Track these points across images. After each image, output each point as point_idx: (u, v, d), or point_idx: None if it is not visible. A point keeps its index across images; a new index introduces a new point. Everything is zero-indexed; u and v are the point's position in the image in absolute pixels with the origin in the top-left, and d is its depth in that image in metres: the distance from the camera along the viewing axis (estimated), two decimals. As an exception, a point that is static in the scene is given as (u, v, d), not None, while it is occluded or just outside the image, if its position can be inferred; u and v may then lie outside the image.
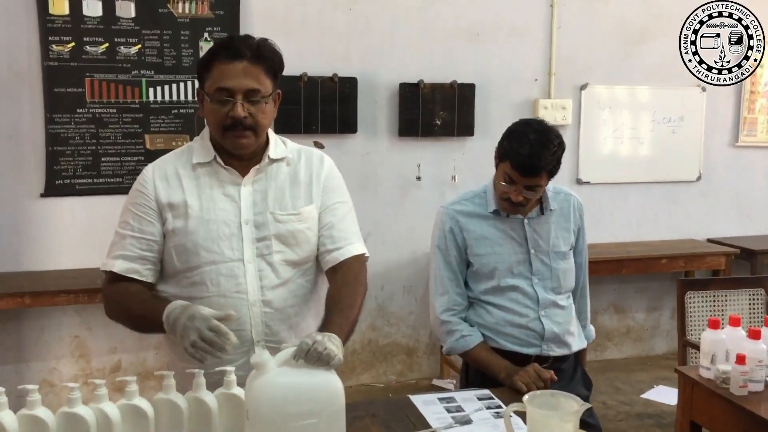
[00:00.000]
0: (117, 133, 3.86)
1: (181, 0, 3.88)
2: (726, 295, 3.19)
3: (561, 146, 2.28)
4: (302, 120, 4.05)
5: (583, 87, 4.61)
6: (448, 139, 4.38)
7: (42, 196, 3.79)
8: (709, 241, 4.90)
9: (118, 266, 1.82)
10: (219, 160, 1.86)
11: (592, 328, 2.60)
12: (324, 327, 1.70)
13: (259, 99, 1.79)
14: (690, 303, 3.16)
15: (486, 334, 2.39)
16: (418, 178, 4.37)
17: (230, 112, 1.76)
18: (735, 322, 2.36)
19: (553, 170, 2.28)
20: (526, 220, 2.40)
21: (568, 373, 2.44)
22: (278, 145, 1.93)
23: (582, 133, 4.64)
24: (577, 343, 2.46)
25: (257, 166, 1.87)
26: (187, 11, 3.89)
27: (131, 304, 1.80)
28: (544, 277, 2.39)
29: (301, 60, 4.02)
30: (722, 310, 3.17)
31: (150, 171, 1.88)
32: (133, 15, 3.81)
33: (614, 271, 4.51)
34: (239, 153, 1.84)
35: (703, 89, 4.78)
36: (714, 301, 3.18)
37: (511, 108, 4.45)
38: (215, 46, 1.83)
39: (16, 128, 3.74)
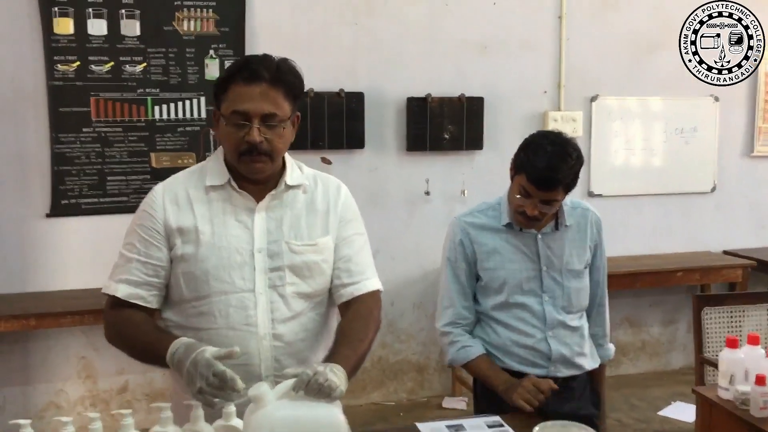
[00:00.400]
0: (123, 151, 3.83)
1: (186, 17, 3.85)
2: (744, 311, 3.11)
3: (579, 159, 2.21)
4: (309, 136, 4.01)
5: (593, 98, 4.55)
6: (457, 153, 4.33)
7: (47, 216, 3.76)
8: (725, 253, 4.81)
9: (122, 291, 1.75)
10: (233, 183, 1.78)
11: (611, 347, 2.52)
12: (329, 358, 1.64)
13: (276, 123, 1.71)
14: (707, 319, 3.08)
15: (492, 352, 2.33)
16: (427, 193, 4.31)
17: (246, 137, 1.69)
18: (754, 340, 2.29)
19: (570, 184, 2.21)
20: (539, 236, 2.33)
21: (578, 391, 2.37)
22: (295, 170, 1.85)
23: (593, 145, 4.57)
24: (590, 363, 2.39)
25: (273, 192, 1.79)
26: (192, 29, 3.87)
27: (135, 333, 1.73)
28: (554, 295, 2.32)
29: (307, 75, 3.84)
30: (740, 327, 3.08)
31: (160, 192, 1.80)
32: (138, 33, 3.79)
33: (628, 285, 4.43)
34: (254, 178, 1.77)
35: (716, 99, 4.71)
36: (731, 317, 3.10)
37: (521, 121, 4.39)
38: (233, 66, 1.76)
39: (21, 148, 3.71)
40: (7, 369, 3.81)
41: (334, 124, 4.07)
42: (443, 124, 4.24)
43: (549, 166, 2.14)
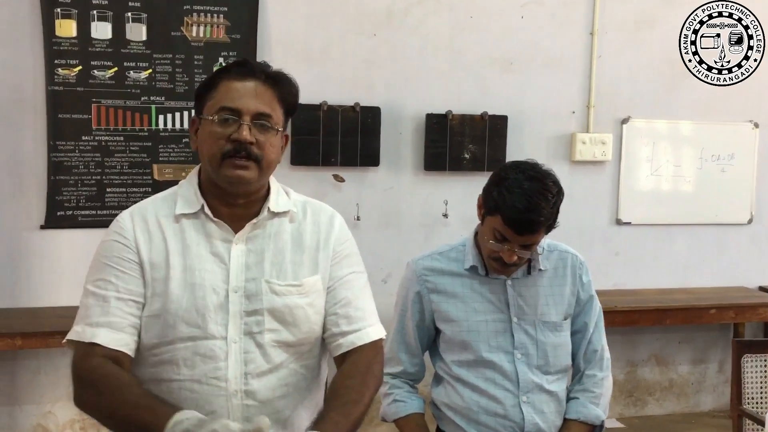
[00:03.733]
0: (123, 162, 3.63)
1: (196, 23, 3.66)
2: (789, 360, 2.82)
3: (560, 194, 1.93)
4: (321, 151, 3.79)
5: (624, 121, 4.28)
6: (478, 174, 4.06)
7: (42, 227, 3.56)
8: (761, 289, 4.51)
9: (104, 337, 1.46)
10: (207, 211, 1.54)
11: (600, 413, 2.09)
12: (318, 424, 1.40)
13: (269, 126, 1.49)
14: (747, 367, 2.80)
15: (456, 420, 2.03)
16: (445, 216, 4.07)
17: (234, 134, 1.46)
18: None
19: (552, 224, 1.93)
20: (509, 282, 2.03)
21: None
22: (281, 195, 1.61)
23: (623, 170, 4.30)
24: None
25: (254, 221, 1.55)
26: (201, 35, 3.67)
27: (120, 399, 1.40)
28: (528, 352, 2.02)
29: (320, 88, 3.77)
30: (785, 377, 2.80)
31: (128, 220, 1.55)
32: (144, 38, 3.59)
33: (657, 321, 4.14)
34: (235, 190, 1.51)
35: (756, 125, 4.43)
36: (775, 365, 2.82)
37: (546, 142, 4.15)
38: (224, 65, 1.57)
39: (17, 156, 3.53)
40: (-6, 388, 3.62)
41: (347, 139, 3.84)
42: (464, 143, 4.00)
43: (529, 206, 1.85)
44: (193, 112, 3.51)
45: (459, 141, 4.00)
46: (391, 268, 3.91)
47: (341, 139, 3.83)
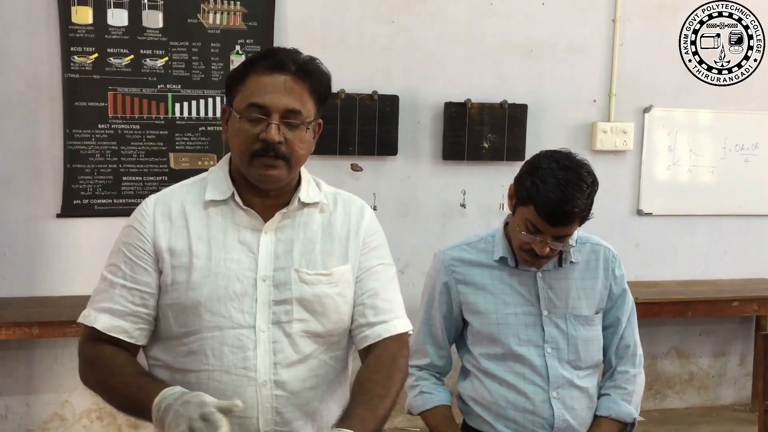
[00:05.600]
0: (140, 150, 3.61)
1: (212, 10, 3.62)
2: (817, 353, 2.76)
3: (594, 184, 1.87)
4: (338, 140, 3.75)
5: (646, 109, 4.22)
6: (497, 164, 4.03)
7: (58, 216, 3.55)
8: (785, 281, 4.45)
9: (102, 323, 1.48)
10: (237, 199, 1.52)
11: (632, 410, 2.04)
12: (344, 420, 1.38)
13: (298, 123, 1.46)
14: (774, 361, 2.74)
15: (483, 415, 1.98)
16: (463, 206, 4.03)
17: (262, 134, 1.44)
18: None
19: (586, 216, 1.88)
20: (539, 274, 1.98)
21: None
22: (311, 186, 1.59)
23: (644, 160, 4.24)
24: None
25: (284, 210, 1.53)
26: (218, 22, 3.64)
27: (114, 378, 1.46)
28: (558, 346, 1.97)
29: (338, 76, 3.62)
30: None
31: (151, 206, 1.54)
32: (160, 25, 3.57)
33: (678, 313, 4.09)
34: (265, 187, 1.51)
35: (781, 114, 4.36)
36: (803, 359, 2.75)
37: (567, 131, 4.09)
38: (254, 55, 1.52)
39: (33, 144, 3.51)
40: (11, 377, 3.62)
41: (365, 128, 3.80)
42: (483, 132, 3.95)
43: (563, 197, 1.80)
44: (215, 100, 3.61)
45: (478, 130, 3.95)
46: (409, 258, 3.88)
47: (359, 127, 3.79)
